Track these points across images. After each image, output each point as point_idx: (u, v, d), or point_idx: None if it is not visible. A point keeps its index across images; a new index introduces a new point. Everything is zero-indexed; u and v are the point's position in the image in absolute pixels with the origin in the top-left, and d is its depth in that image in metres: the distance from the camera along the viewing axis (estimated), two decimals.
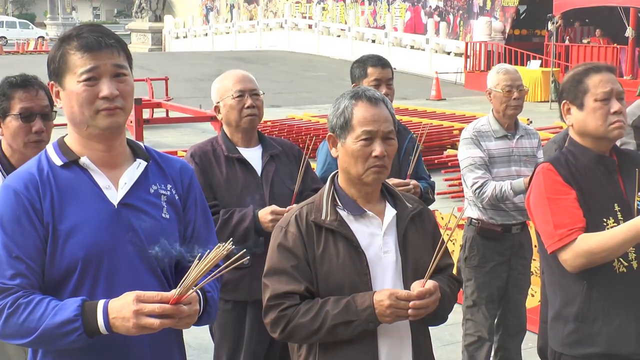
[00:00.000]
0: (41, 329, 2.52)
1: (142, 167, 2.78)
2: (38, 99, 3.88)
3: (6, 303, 2.56)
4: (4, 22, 65.05)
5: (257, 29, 43.41)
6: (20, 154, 3.89)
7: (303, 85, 28.98)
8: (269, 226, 4.16)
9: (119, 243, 2.68)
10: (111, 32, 2.72)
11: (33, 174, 2.69)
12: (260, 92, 4.46)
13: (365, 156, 3.10)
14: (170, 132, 18.32)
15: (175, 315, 2.47)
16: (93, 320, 2.50)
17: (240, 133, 4.44)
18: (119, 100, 2.65)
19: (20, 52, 46.12)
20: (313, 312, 3.05)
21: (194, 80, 27.87)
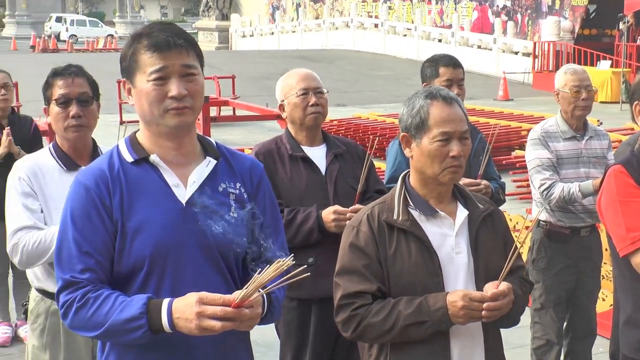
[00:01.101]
0: (108, 324, 2.57)
1: (212, 166, 2.79)
2: (75, 85, 3.98)
3: (76, 296, 2.62)
4: (74, 20, 66.08)
5: (323, 28, 43.41)
6: (65, 140, 4.00)
7: (369, 84, 28.92)
8: (331, 226, 4.17)
9: (186, 242, 2.70)
10: (182, 31, 2.73)
11: (104, 170, 2.73)
12: (324, 91, 4.46)
13: (442, 156, 3.09)
14: (236, 130, 18.41)
15: (236, 318, 2.48)
16: (157, 318, 2.54)
17: (305, 131, 4.45)
18: (187, 99, 2.67)
19: (90, 50, 46.78)
20: (385, 312, 3.05)
21: (260, 79, 27.96)
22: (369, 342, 3.21)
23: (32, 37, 50.75)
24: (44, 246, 3.75)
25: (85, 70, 4.08)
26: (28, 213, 3.82)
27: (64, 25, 63.89)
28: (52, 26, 63.92)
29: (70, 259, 2.67)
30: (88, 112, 3.98)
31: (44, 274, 3.95)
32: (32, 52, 45.88)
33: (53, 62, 5.01)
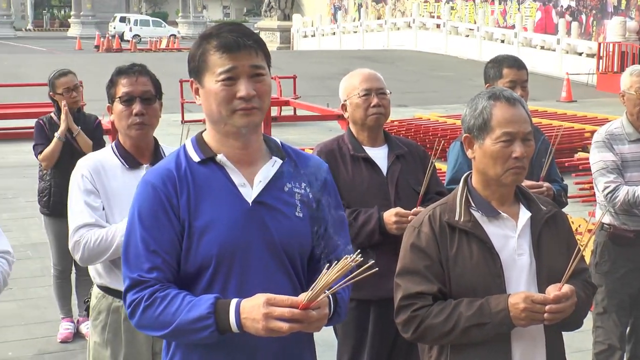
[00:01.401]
0: (175, 324, 2.58)
1: (278, 165, 2.80)
2: (138, 83, 4.03)
3: (144, 295, 2.63)
4: (138, 20, 66.82)
5: (385, 28, 43.33)
6: (129, 138, 4.05)
7: (430, 85, 28.81)
8: (393, 228, 4.16)
9: (252, 241, 2.70)
10: (251, 32, 2.74)
11: (171, 170, 2.74)
12: (387, 91, 4.45)
13: (505, 157, 3.07)
14: (297, 130, 18.47)
15: (304, 320, 2.47)
16: (225, 318, 2.54)
17: (366, 132, 4.44)
18: (255, 100, 2.68)
19: (153, 50, 47.24)
20: (446, 313, 3.04)
21: (321, 79, 28.00)
22: (429, 343, 3.20)
23: (97, 37, 51.45)
24: (105, 244, 3.80)
25: (148, 69, 4.13)
26: (90, 210, 3.87)
27: (128, 25, 64.66)
28: (116, 26, 64.73)
29: (137, 258, 2.68)
30: (151, 110, 4.02)
31: (105, 271, 3.99)
32: (96, 51, 46.51)
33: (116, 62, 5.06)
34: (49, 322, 7.06)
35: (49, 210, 6.55)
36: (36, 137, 6.57)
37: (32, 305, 7.53)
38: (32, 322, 7.11)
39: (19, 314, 7.30)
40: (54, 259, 6.73)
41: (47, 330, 6.92)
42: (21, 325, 7.04)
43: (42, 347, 6.60)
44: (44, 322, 7.11)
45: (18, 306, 7.47)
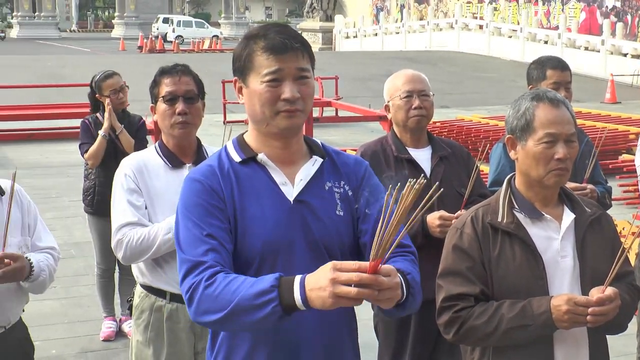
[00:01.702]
0: (236, 301, 2.45)
1: (318, 164, 2.80)
2: (181, 83, 4.05)
3: (204, 276, 2.54)
4: (180, 21, 67.24)
5: (427, 29, 43.23)
6: (172, 138, 4.07)
7: (472, 86, 28.69)
8: (436, 231, 4.13)
9: (294, 239, 2.69)
10: (297, 34, 2.75)
11: (214, 168, 2.76)
12: (429, 93, 4.42)
13: (547, 159, 3.05)
14: (338, 131, 18.47)
15: (373, 284, 2.30)
16: (289, 293, 2.41)
17: (409, 133, 4.43)
18: (299, 102, 2.68)
19: (195, 51, 47.52)
20: (488, 315, 3.03)
21: (363, 80, 27.98)
22: (471, 344, 3.19)
23: (140, 37, 51.86)
24: (147, 243, 3.83)
25: (190, 69, 4.15)
26: (133, 209, 3.90)
27: (171, 26, 65.08)
28: (159, 27, 65.17)
29: (193, 243, 2.62)
30: (194, 110, 4.04)
31: (148, 270, 4.02)
32: (139, 52, 46.88)
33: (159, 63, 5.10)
34: (91, 321, 7.12)
35: (93, 209, 6.60)
36: (82, 136, 6.62)
37: (75, 303, 7.60)
38: (75, 321, 7.18)
39: (63, 312, 7.37)
40: (97, 258, 6.79)
41: (90, 328, 6.97)
42: (64, 324, 7.10)
43: (85, 345, 6.66)
44: (86, 320, 7.17)
45: (61, 304, 7.54)
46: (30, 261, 3.68)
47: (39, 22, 74.71)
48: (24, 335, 3.97)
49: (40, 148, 16.26)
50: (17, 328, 3.90)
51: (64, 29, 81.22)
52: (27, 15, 74.93)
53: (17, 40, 67.73)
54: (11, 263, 3.56)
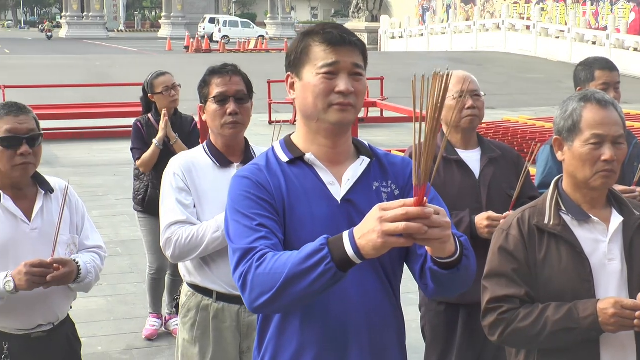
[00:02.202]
0: (287, 270, 2.41)
1: (365, 164, 2.80)
2: (232, 83, 4.07)
3: (254, 258, 2.52)
4: (227, 21, 67.56)
5: (473, 30, 43.02)
6: (221, 137, 4.08)
7: (518, 87, 28.50)
8: (484, 232, 4.11)
9: None
10: (353, 33, 2.76)
11: (262, 167, 2.76)
12: (481, 93, 4.41)
13: (593, 160, 3.02)
14: (383, 132, 18.46)
15: (421, 216, 2.22)
16: (340, 246, 2.36)
17: (460, 134, 4.41)
18: (352, 97, 2.68)
19: (241, 51, 47.71)
20: (533, 317, 3.01)
21: (409, 81, 27.75)
22: (516, 347, 3.17)
23: (186, 37, 52.21)
24: (196, 241, 3.84)
25: (240, 69, 4.16)
26: (181, 208, 3.92)
27: (217, 26, 65.42)
28: (206, 27, 65.54)
29: (243, 233, 2.61)
30: (244, 110, 4.06)
31: (196, 269, 4.04)
32: (185, 52, 47.18)
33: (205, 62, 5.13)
34: (137, 318, 7.18)
35: (144, 208, 6.63)
36: (133, 140, 6.63)
37: (121, 301, 7.67)
38: (120, 318, 7.24)
39: (109, 309, 7.44)
40: (149, 257, 6.81)
41: (136, 326, 7.03)
42: (110, 321, 7.17)
43: (130, 342, 6.71)
44: (132, 318, 7.23)
45: (107, 302, 7.61)
46: (78, 264, 3.72)
47: (87, 22, 75.53)
48: (71, 331, 4.02)
49: (87, 147, 16.45)
50: (65, 325, 3.95)
51: (112, 29, 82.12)
52: (76, 15, 75.78)
53: (66, 40, 68.54)
54: (60, 268, 3.60)
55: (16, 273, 3.54)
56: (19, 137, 3.66)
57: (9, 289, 3.55)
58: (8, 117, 3.67)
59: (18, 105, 3.75)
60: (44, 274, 3.54)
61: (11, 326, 3.76)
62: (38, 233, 3.74)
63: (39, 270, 3.53)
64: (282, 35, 74.50)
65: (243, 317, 4.00)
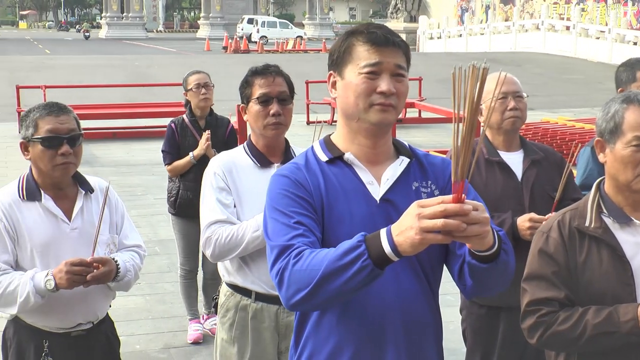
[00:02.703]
0: (324, 266, 2.41)
1: (405, 164, 2.79)
2: (275, 84, 4.07)
3: (292, 255, 2.53)
4: (265, 22, 67.79)
5: (512, 30, 42.80)
6: (262, 138, 4.09)
7: (558, 88, 28.31)
8: (526, 234, 4.08)
9: None
10: (397, 33, 2.75)
11: (301, 167, 2.77)
12: (523, 95, 4.38)
13: (635, 162, 2.99)
14: (421, 132, 18.41)
15: (459, 213, 2.21)
16: (377, 244, 2.36)
17: (502, 136, 4.38)
18: (393, 98, 2.67)
19: (279, 51, 47.81)
20: (572, 320, 2.98)
21: (447, 81, 27.72)
22: (555, 350, 3.15)
23: (225, 38, 52.41)
24: (235, 240, 3.85)
25: (282, 70, 4.16)
26: (222, 207, 3.94)
27: (255, 27, 65.66)
28: (244, 27, 65.81)
29: (281, 231, 2.62)
30: (286, 111, 4.07)
31: (235, 269, 4.05)
32: (224, 52, 47.37)
33: (244, 63, 5.15)
34: (175, 317, 7.22)
35: (176, 211, 6.65)
36: (165, 143, 6.65)
37: (159, 300, 7.71)
38: (159, 317, 7.28)
39: (147, 308, 7.49)
40: (180, 259, 6.84)
41: (174, 325, 7.07)
42: (148, 320, 7.21)
43: (169, 341, 6.75)
44: (170, 317, 7.27)
45: (146, 300, 7.66)
46: (117, 263, 3.74)
47: (126, 22, 76.09)
48: (110, 330, 4.05)
49: (126, 146, 16.56)
50: (104, 323, 3.98)
51: (151, 29, 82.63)
52: (116, 16, 76.38)
53: (105, 41, 69.09)
54: (99, 267, 3.62)
55: (57, 271, 3.57)
56: (59, 137, 3.68)
57: (50, 287, 3.58)
58: (49, 117, 3.70)
59: (59, 105, 3.78)
60: (84, 273, 3.57)
61: (51, 325, 3.80)
62: (78, 233, 3.77)
63: (79, 269, 3.56)
64: (320, 35, 74.58)
65: (282, 317, 4.00)
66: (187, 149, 6.53)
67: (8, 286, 3.61)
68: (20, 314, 3.74)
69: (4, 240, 3.69)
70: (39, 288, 3.60)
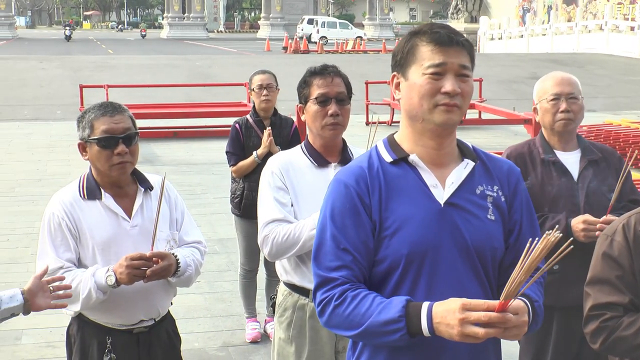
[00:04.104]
0: (365, 325, 2.56)
1: (470, 168, 2.76)
2: (333, 85, 4.06)
3: (333, 294, 2.63)
4: (325, 22, 67.87)
5: (575, 31, 42.33)
6: (320, 138, 4.08)
7: (621, 89, 27.91)
8: (580, 235, 4.03)
9: (442, 242, 2.66)
10: (461, 33, 2.73)
11: (363, 168, 2.75)
12: (578, 96, 4.32)
13: None
14: (481, 134, 18.29)
15: (500, 324, 2.37)
16: (416, 322, 2.49)
17: (556, 136, 4.34)
18: (458, 98, 2.65)
19: (339, 52, 47.82)
20: (637, 326, 2.94)
21: (507, 82, 27.61)
22: (619, 355, 3.10)
23: (285, 38, 52.61)
24: (292, 239, 3.86)
25: (340, 70, 4.16)
26: (279, 206, 3.95)
27: (315, 27, 65.80)
28: (304, 28, 66.02)
29: (326, 256, 2.69)
30: (344, 111, 4.06)
31: (292, 268, 4.05)
32: (284, 53, 47.52)
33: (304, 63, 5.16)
34: (233, 316, 7.25)
35: (240, 212, 6.65)
36: (229, 143, 6.66)
37: (218, 298, 7.75)
38: (217, 315, 7.32)
39: (206, 306, 7.53)
40: (241, 259, 6.85)
41: (232, 323, 7.11)
42: (207, 318, 7.25)
43: (227, 339, 6.78)
44: (229, 315, 7.30)
45: (205, 299, 7.71)
46: (177, 257, 3.77)
47: (188, 23, 76.81)
48: (172, 327, 4.08)
49: (186, 146, 16.68)
50: (165, 320, 4.02)
51: (212, 29, 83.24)
52: (177, 16, 77.15)
53: (167, 41, 69.81)
54: (159, 262, 3.65)
55: (117, 267, 3.62)
56: (115, 137, 3.72)
57: (111, 283, 3.62)
58: (104, 118, 3.74)
59: (113, 105, 3.82)
60: (143, 268, 3.60)
61: (114, 321, 3.84)
62: (138, 230, 3.80)
63: (138, 263, 3.59)
64: (380, 36, 74.49)
65: None
66: (251, 149, 6.51)
67: (71, 283, 3.66)
68: (83, 310, 3.79)
69: (67, 239, 3.74)
70: (100, 284, 3.64)
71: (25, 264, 8.44)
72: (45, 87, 25.52)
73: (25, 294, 3.50)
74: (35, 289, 3.53)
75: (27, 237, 9.56)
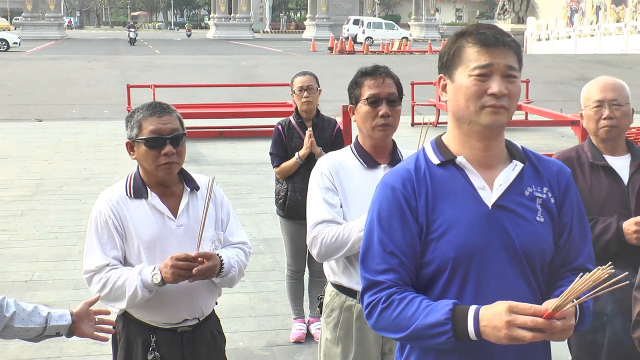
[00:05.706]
0: (412, 328, 2.57)
1: (518, 169, 2.74)
2: (385, 85, 4.04)
3: (381, 297, 2.64)
4: (370, 23, 67.83)
5: (624, 32, 41.85)
6: (370, 139, 4.08)
7: None
8: (632, 238, 4.00)
9: (490, 245, 2.64)
10: (507, 33, 2.71)
11: (410, 171, 2.74)
12: (623, 102, 4.26)
13: None
14: (527, 135, 18.14)
15: (547, 329, 2.39)
16: (463, 325, 2.49)
17: (602, 142, 4.32)
18: (505, 99, 2.63)
19: (385, 52, 47.74)
20: None
21: (555, 84, 27.38)
22: None
23: (330, 39, 52.64)
24: (341, 240, 3.86)
25: (391, 71, 4.15)
26: (328, 207, 3.95)
27: (361, 28, 65.75)
28: (350, 28, 65.96)
29: (374, 259, 2.70)
30: (395, 112, 4.05)
31: (340, 269, 4.05)
32: (329, 53, 47.54)
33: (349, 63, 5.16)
34: (278, 316, 7.26)
35: (284, 213, 6.65)
36: (273, 145, 6.67)
37: (263, 298, 7.77)
38: (262, 315, 7.33)
39: (251, 306, 7.55)
40: (288, 260, 6.86)
41: (277, 323, 7.12)
42: (252, 317, 7.27)
43: (271, 339, 6.79)
44: (273, 315, 7.32)
45: (249, 298, 7.72)
46: (221, 258, 3.79)
47: (234, 23, 77.15)
48: (216, 327, 4.10)
49: (232, 145, 16.75)
50: (210, 320, 4.03)
51: (257, 30, 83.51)
52: (223, 17, 77.52)
53: (213, 41, 70.18)
54: (204, 262, 3.67)
55: (163, 266, 3.64)
56: (162, 137, 3.74)
57: (157, 282, 3.65)
58: (152, 118, 3.77)
59: (161, 106, 3.84)
60: (189, 267, 3.62)
61: (158, 320, 3.87)
62: (184, 230, 3.82)
63: (184, 263, 3.61)
64: (426, 36, 74.29)
65: None
66: (294, 150, 6.52)
67: (117, 280, 3.69)
68: (128, 308, 3.82)
69: (113, 237, 3.77)
70: (146, 282, 3.67)
71: (73, 262, 8.51)
72: (93, 86, 25.81)
73: (73, 316, 3.56)
74: (83, 314, 3.59)
75: (75, 235, 9.67)
